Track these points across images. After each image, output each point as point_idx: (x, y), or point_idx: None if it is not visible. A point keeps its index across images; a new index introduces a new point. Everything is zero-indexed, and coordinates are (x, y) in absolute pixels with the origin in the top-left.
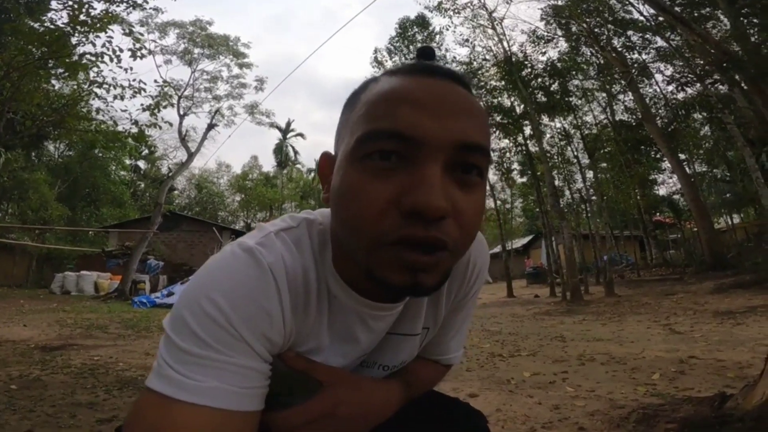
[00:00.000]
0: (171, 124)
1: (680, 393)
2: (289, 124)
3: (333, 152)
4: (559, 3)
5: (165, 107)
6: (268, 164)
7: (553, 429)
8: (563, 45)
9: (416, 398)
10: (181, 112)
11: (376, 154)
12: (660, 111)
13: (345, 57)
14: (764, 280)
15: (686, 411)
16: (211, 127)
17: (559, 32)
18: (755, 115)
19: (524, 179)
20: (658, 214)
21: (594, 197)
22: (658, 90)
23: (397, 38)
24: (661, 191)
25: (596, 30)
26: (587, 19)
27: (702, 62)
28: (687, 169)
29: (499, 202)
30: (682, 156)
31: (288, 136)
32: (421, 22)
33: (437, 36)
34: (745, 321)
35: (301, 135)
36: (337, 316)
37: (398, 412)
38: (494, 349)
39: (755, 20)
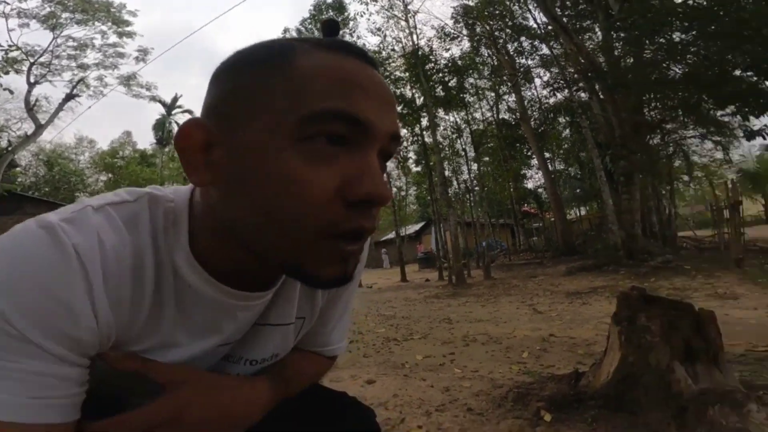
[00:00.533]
0: (12, 92)
1: (545, 370)
2: (176, 99)
3: (207, 120)
4: (471, 3)
5: (7, 73)
6: (146, 141)
7: (446, 411)
8: (466, 44)
9: (299, 394)
10: (32, 80)
11: (324, 137)
12: (534, 113)
13: (252, 33)
14: (603, 264)
15: (550, 389)
16: (70, 97)
17: (465, 32)
18: (605, 121)
19: (419, 168)
20: (526, 205)
21: (477, 188)
22: (535, 93)
23: (309, 20)
24: (529, 185)
25: (496, 33)
26: (490, 22)
27: (572, 70)
28: (549, 166)
29: (395, 189)
30: (547, 154)
31: (173, 112)
32: (338, 6)
33: (351, 22)
34: (589, 301)
35: (189, 111)
36: (192, 308)
37: (279, 409)
38: (389, 333)
39: (622, 34)
